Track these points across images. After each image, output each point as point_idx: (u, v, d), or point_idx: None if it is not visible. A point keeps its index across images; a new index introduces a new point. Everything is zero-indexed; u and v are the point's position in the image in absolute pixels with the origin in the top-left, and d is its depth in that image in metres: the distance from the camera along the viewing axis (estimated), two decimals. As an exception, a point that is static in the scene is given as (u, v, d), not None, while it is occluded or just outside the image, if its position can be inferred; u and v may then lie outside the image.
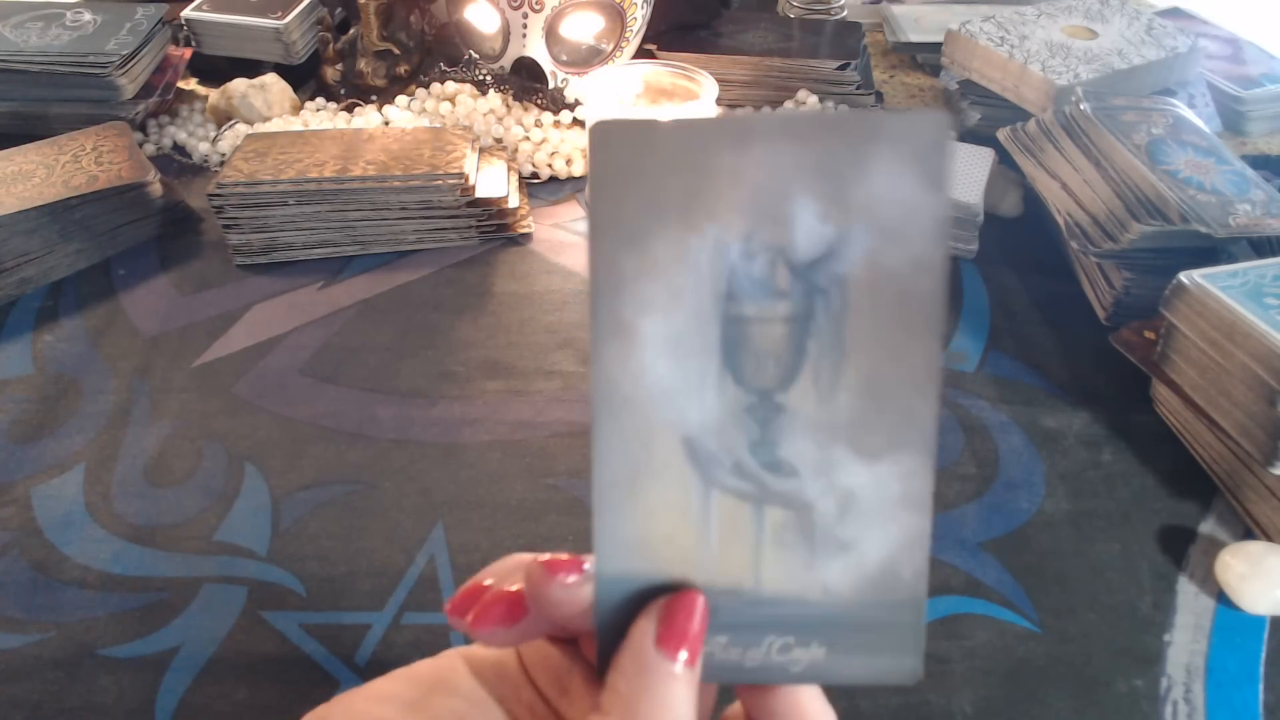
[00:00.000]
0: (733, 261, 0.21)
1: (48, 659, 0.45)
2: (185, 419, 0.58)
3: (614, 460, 0.23)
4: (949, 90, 0.94)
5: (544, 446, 0.56)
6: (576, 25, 0.87)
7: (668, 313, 0.22)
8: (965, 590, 0.48)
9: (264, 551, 0.50)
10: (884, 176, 0.21)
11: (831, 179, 0.21)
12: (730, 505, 0.23)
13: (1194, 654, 0.45)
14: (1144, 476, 0.54)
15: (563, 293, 0.69)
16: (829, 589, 0.23)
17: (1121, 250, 0.62)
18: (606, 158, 0.21)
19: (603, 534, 0.23)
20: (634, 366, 0.22)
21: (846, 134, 0.21)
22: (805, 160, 0.21)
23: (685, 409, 0.22)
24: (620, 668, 0.23)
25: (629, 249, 0.21)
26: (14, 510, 0.52)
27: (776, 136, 0.21)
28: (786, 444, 0.23)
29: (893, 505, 0.23)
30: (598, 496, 0.23)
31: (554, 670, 0.26)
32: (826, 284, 0.22)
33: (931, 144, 0.21)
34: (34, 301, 0.68)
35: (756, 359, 0.22)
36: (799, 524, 0.23)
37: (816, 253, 0.21)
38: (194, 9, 0.95)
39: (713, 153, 0.21)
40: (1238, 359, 0.50)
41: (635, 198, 0.21)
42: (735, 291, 0.22)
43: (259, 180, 0.69)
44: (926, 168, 0.21)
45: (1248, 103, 0.88)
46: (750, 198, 0.21)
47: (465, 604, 0.25)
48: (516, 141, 0.83)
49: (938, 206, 0.21)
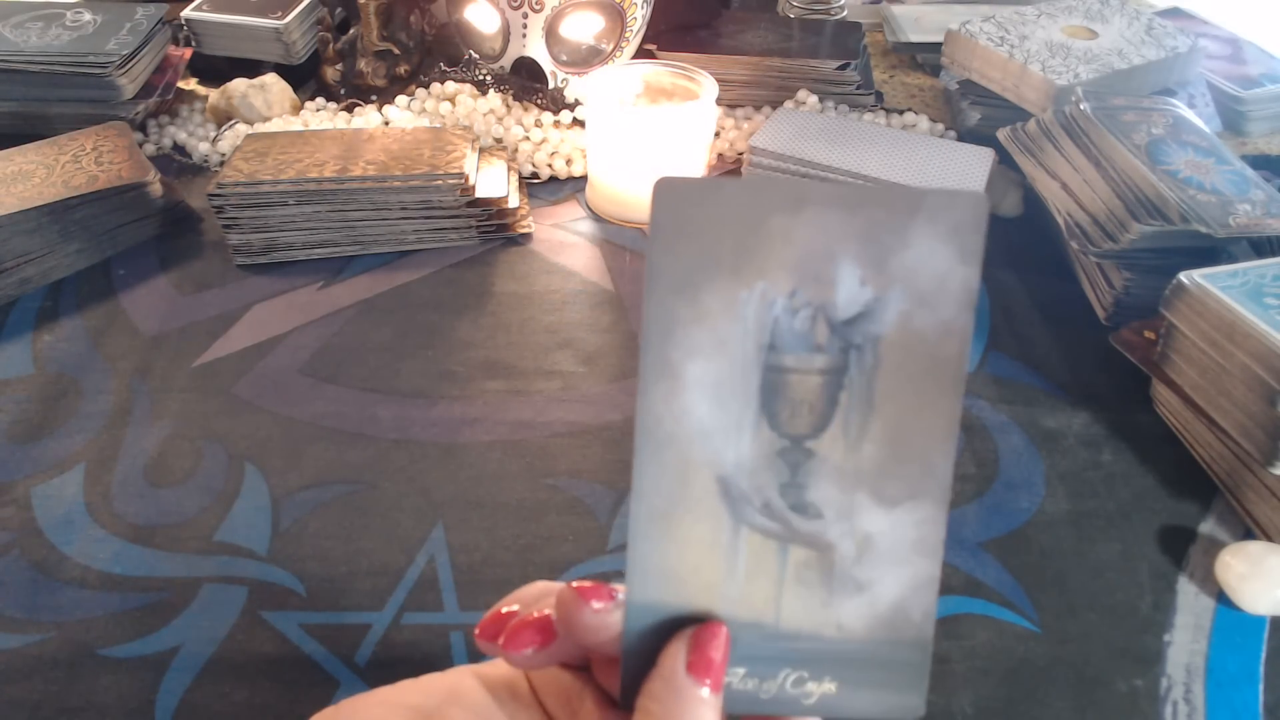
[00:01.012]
0: (777, 315, 0.23)
1: (48, 659, 0.45)
2: (185, 419, 0.58)
3: (653, 493, 0.24)
4: (949, 90, 0.94)
5: (544, 446, 0.56)
6: (576, 25, 0.87)
7: (713, 359, 0.23)
8: (965, 590, 0.48)
9: (264, 551, 0.50)
10: (922, 247, 0.23)
11: (874, 246, 0.23)
12: (758, 543, 0.24)
13: (1194, 654, 0.45)
14: (1144, 476, 0.54)
15: (563, 293, 0.69)
16: (843, 626, 0.25)
17: (1121, 250, 0.62)
18: (668, 212, 0.23)
19: (636, 563, 0.24)
20: (678, 406, 0.24)
21: (891, 206, 0.23)
22: (851, 227, 0.23)
23: (722, 449, 0.24)
24: (652, 693, 0.24)
25: (682, 297, 0.23)
26: (14, 510, 0.52)
27: (827, 203, 0.23)
28: (814, 488, 0.24)
29: (907, 550, 0.24)
30: (635, 528, 0.24)
31: (564, 693, 0.27)
32: (862, 341, 0.23)
33: (969, 221, 0.23)
34: (34, 301, 0.68)
35: (792, 407, 0.24)
36: (820, 564, 0.25)
37: (855, 312, 0.23)
38: (194, 9, 0.95)
39: (767, 213, 0.23)
40: (1238, 359, 0.50)
41: (691, 250, 0.23)
42: (777, 343, 0.23)
43: (259, 180, 0.69)
44: (962, 242, 0.23)
45: (1248, 103, 0.88)
46: (798, 258, 0.23)
47: (494, 628, 0.26)
48: (516, 141, 0.83)
49: (968, 278, 0.23)
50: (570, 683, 0.27)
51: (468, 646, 0.46)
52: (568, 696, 0.27)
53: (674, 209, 0.23)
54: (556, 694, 0.27)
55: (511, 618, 0.26)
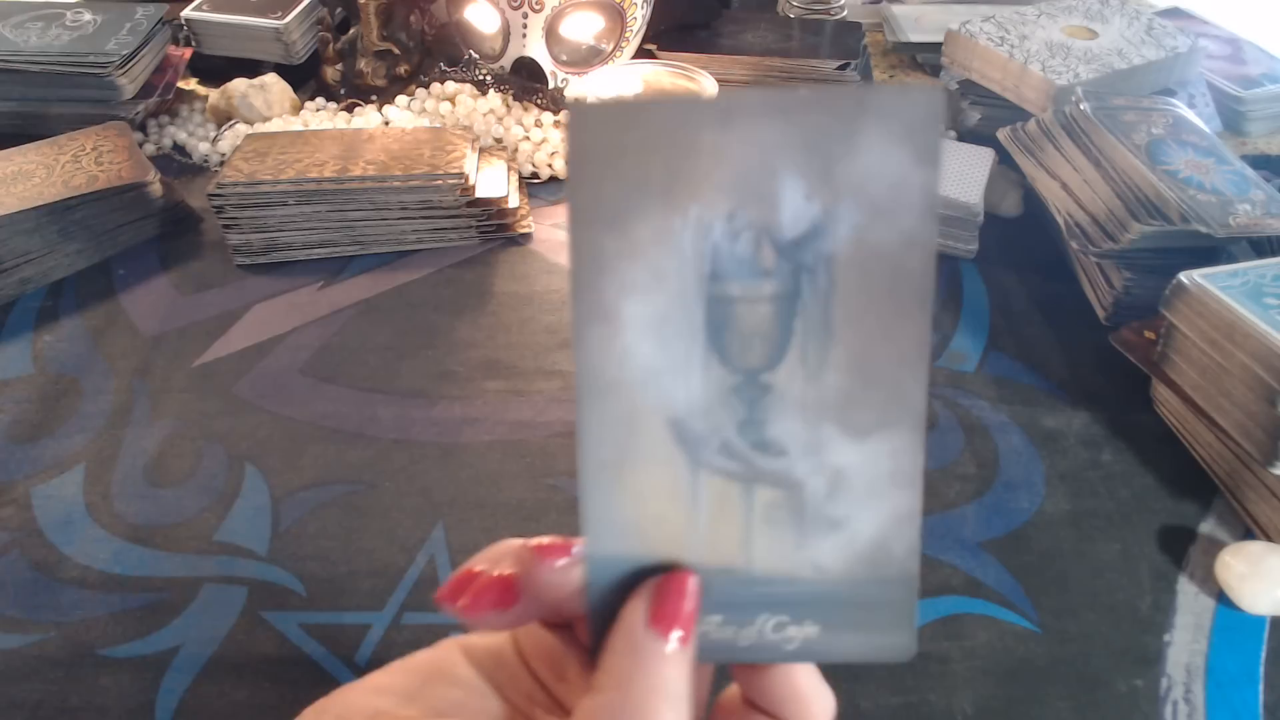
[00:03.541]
0: (716, 241, 0.21)
1: (48, 659, 0.45)
2: (185, 419, 0.58)
3: (600, 444, 0.23)
4: (949, 90, 0.94)
5: (544, 446, 0.56)
6: (576, 25, 0.87)
7: (650, 294, 0.21)
8: (965, 590, 0.48)
9: (264, 551, 0.50)
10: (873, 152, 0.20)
11: (818, 155, 0.21)
12: (719, 485, 0.23)
13: (1194, 654, 0.45)
14: (1144, 476, 0.54)
15: (562, 293, 0.69)
16: (820, 567, 0.23)
17: (1121, 250, 0.62)
18: (585, 139, 0.21)
19: (591, 517, 0.23)
20: (617, 350, 0.22)
21: (834, 110, 0.20)
22: (791, 137, 0.20)
23: (671, 391, 0.22)
24: (612, 648, 0.23)
25: (610, 230, 0.21)
26: (14, 510, 0.52)
27: (760, 113, 0.20)
28: (774, 423, 0.22)
29: (883, 483, 0.23)
30: (584, 480, 0.23)
31: (551, 656, 0.26)
32: (813, 262, 0.21)
33: (923, 119, 0.20)
34: (34, 301, 0.68)
35: (742, 339, 0.22)
36: (789, 503, 0.23)
37: (802, 231, 0.21)
38: (194, 9, 0.95)
39: (694, 131, 0.20)
40: (1238, 359, 0.50)
41: (615, 178, 0.21)
42: (719, 271, 0.21)
43: (259, 180, 0.69)
44: (917, 143, 0.20)
45: (1248, 103, 0.88)
46: (734, 176, 0.21)
47: (457, 590, 0.25)
48: (516, 141, 0.83)
49: (928, 182, 0.20)
50: (555, 644, 0.26)
51: (468, 646, 0.46)
52: (554, 658, 0.26)
53: (592, 136, 0.20)
54: (543, 657, 0.27)
55: (475, 578, 0.25)
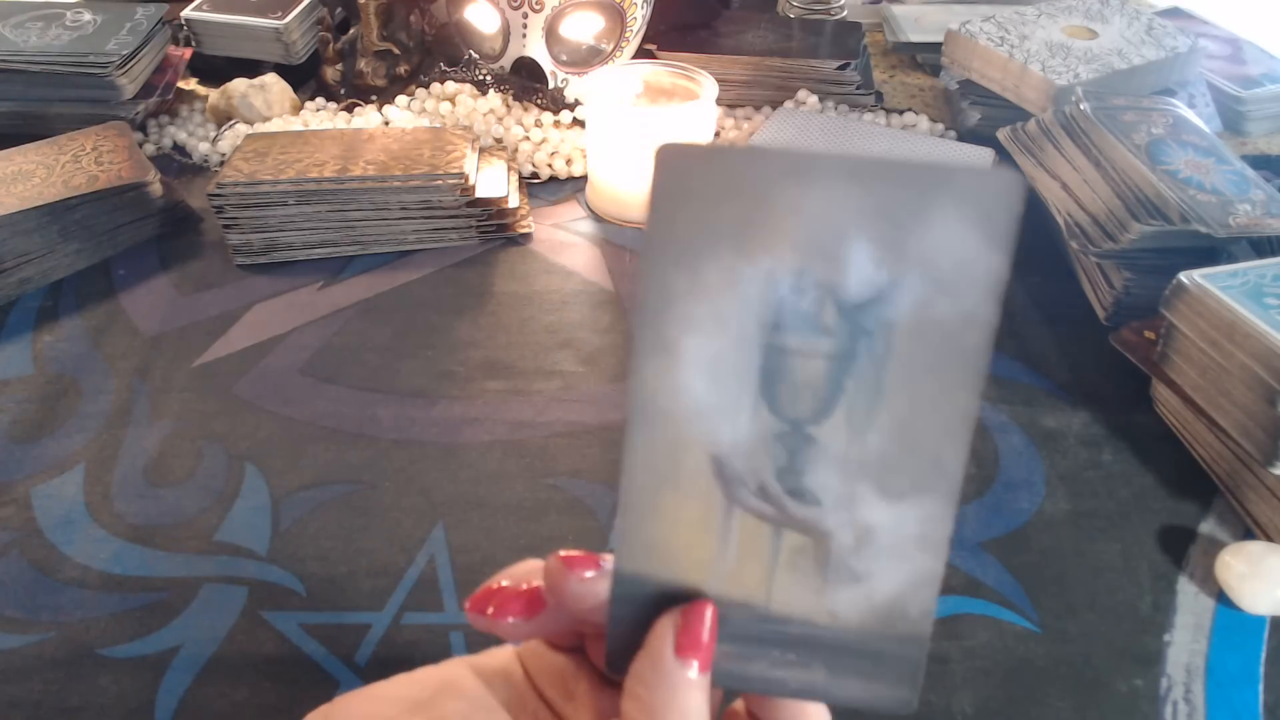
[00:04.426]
0: (782, 294, 0.22)
1: (48, 659, 0.45)
2: (185, 419, 0.58)
3: (643, 467, 0.23)
4: (949, 90, 0.94)
5: (544, 446, 0.56)
6: (576, 25, 0.87)
7: (711, 335, 0.22)
8: (965, 590, 0.48)
9: (264, 551, 0.50)
10: (946, 230, 0.21)
11: (891, 225, 0.21)
12: (751, 524, 0.24)
13: (1194, 654, 0.45)
14: (1144, 476, 0.54)
15: (563, 293, 0.69)
16: (836, 615, 0.24)
17: (1121, 250, 0.62)
18: (669, 179, 0.21)
19: (625, 534, 0.24)
20: (672, 382, 0.22)
21: (914, 182, 0.21)
22: (868, 204, 0.21)
23: (717, 428, 0.23)
24: (640, 676, 0.24)
25: (680, 269, 0.22)
26: (14, 510, 0.52)
27: (841, 175, 0.21)
28: (812, 474, 0.23)
29: (909, 545, 0.23)
30: (624, 498, 0.23)
31: (559, 677, 0.27)
32: (873, 327, 0.22)
33: (1001, 204, 0.21)
34: (34, 301, 0.68)
35: (793, 390, 0.22)
36: (815, 551, 0.24)
37: (867, 296, 0.22)
38: (194, 9, 0.95)
39: (774, 185, 0.21)
40: (1238, 359, 0.50)
41: (692, 221, 0.21)
42: (781, 323, 0.22)
43: (259, 180, 0.69)
44: (991, 226, 0.21)
45: (1248, 103, 0.88)
46: (807, 234, 0.21)
47: (483, 601, 0.26)
48: (516, 141, 0.83)
49: (996, 265, 0.21)
50: (564, 665, 0.27)
51: (468, 646, 0.46)
52: (562, 679, 0.27)
53: (676, 176, 0.21)
54: (551, 677, 0.27)
55: (500, 591, 0.26)
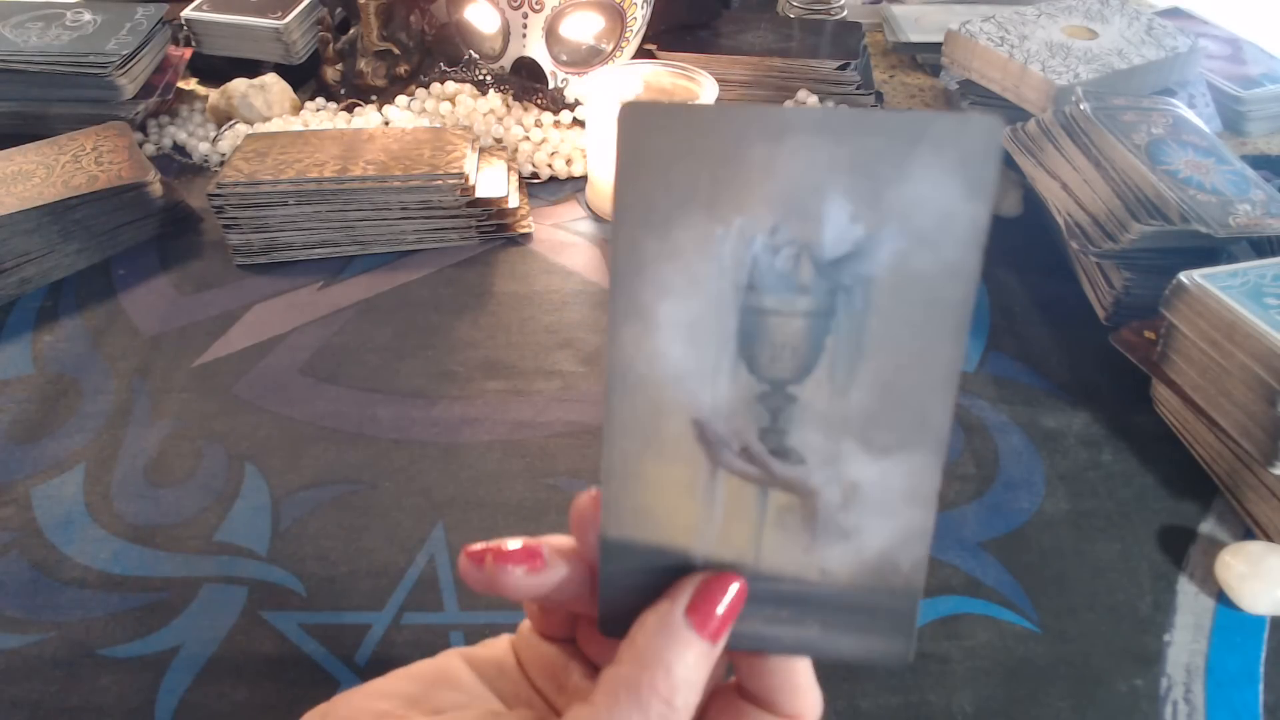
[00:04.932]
0: (756, 253, 0.21)
1: (48, 659, 0.45)
2: (185, 419, 0.58)
3: (624, 435, 0.23)
4: (949, 90, 0.94)
5: (544, 446, 0.56)
6: (576, 25, 0.87)
7: (686, 299, 0.22)
8: (965, 590, 0.48)
9: (264, 551, 0.50)
10: (924, 181, 0.20)
11: (867, 179, 0.21)
12: (736, 486, 0.23)
13: (1194, 654, 0.45)
14: (1144, 476, 0.54)
15: (563, 293, 0.69)
16: (827, 571, 0.24)
17: (1121, 250, 0.62)
18: (634, 140, 0.21)
19: (609, 501, 0.24)
20: (649, 348, 0.22)
21: (889, 133, 0.20)
22: (841, 157, 0.20)
23: (697, 392, 0.23)
24: (644, 625, 0.23)
25: (652, 233, 0.21)
26: (14, 510, 0.52)
27: (813, 130, 0.20)
28: (796, 433, 0.23)
29: (897, 499, 0.23)
30: (606, 466, 0.23)
31: (551, 668, 0.27)
32: (851, 283, 0.21)
33: (980, 150, 0.20)
34: (34, 301, 0.68)
35: (773, 350, 0.22)
36: (802, 509, 0.23)
37: (844, 251, 0.21)
38: (194, 9, 0.95)
39: (745, 142, 0.21)
40: (1238, 359, 0.50)
41: (661, 182, 0.21)
42: (756, 283, 0.22)
43: (259, 180, 0.69)
44: (971, 175, 0.20)
45: (1248, 103, 0.88)
46: (780, 191, 0.21)
47: (481, 553, 0.25)
48: (516, 141, 0.83)
49: (978, 216, 0.21)
50: (556, 656, 0.27)
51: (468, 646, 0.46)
52: (554, 670, 0.27)
53: (641, 137, 0.21)
54: (543, 668, 0.27)
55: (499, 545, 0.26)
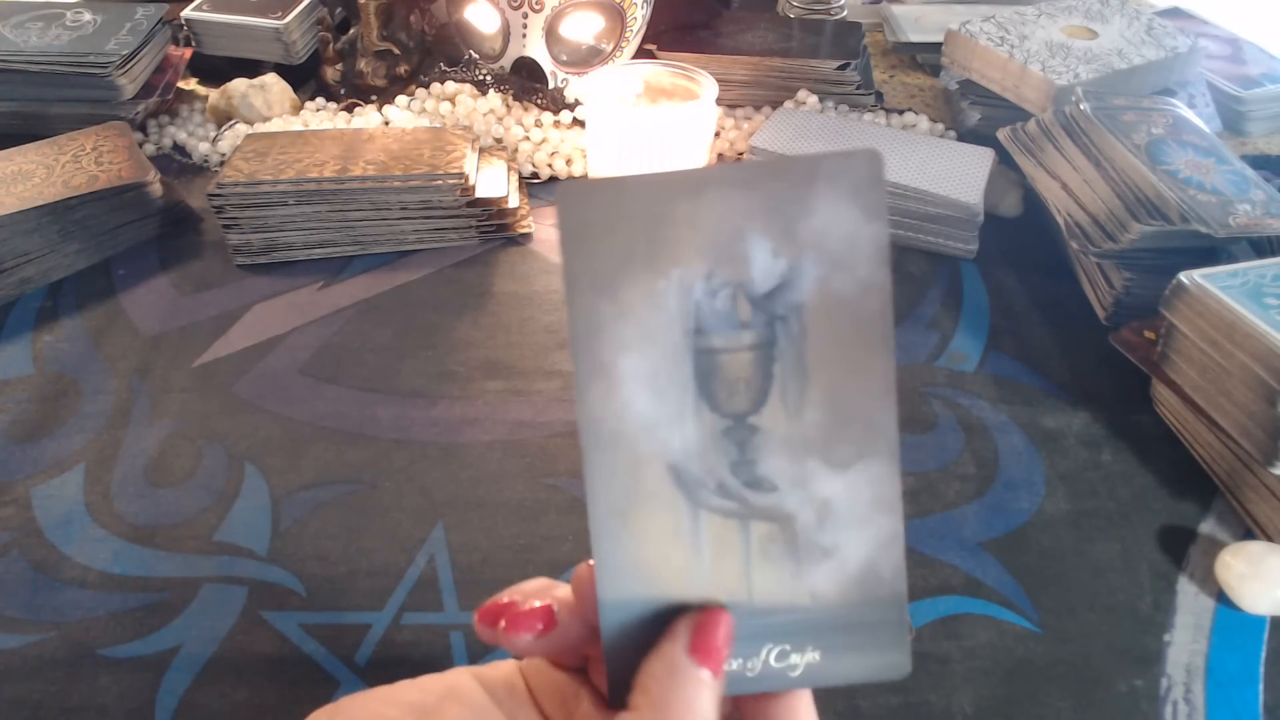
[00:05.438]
0: (698, 299, 0.23)
1: (48, 659, 0.45)
2: (185, 419, 0.58)
3: (607, 492, 0.24)
4: (949, 90, 0.94)
5: (544, 446, 0.56)
6: (576, 25, 0.87)
7: (643, 351, 0.24)
8: (965, 590, 0.48)
9: (264, 551, 0.50)
10: (826, 211, 0.23)
11: (780, 217, 0.23)
12: (718, 524, 0.25)
13: (1194, 654, 0.45)
14: (1144, 476, 0.54)
15: (562, 293, 0.69)
16: (816, 594, 0.25)
17: (1121, 250, 0.62)
18: (574, 215, 0.23)
19: (602, 562, 0.25)
20: (616, 403, 0.24)
21: (789, 176, 0.23)
22: (754, 202, 0.23)
23: (668, 438, 0.24)
24: (651, 672, 0.24)
25: (602, 295, 0.23)
26: (14, 510, 0.52)
27: (727, 183, 0.23)
28: (764, 462, 0.24)
29: (866, 509, 0.24)
30: (595, 528, 0.24)
31: (560, 694, 0.27)
32: (785, 312, 0.24)
33: (867, 179, 0.23)
34: (34, 301, 0.68)
35: (728, 386, 0.24)
36: (783, 535, 0.25)
37: (773, 284, 0.23)
38: (194, 9, 0.95)
39: (670, 203, 0.23)
40: (1238, 359, 0.50)
41: (604, 249, 0.23)
42: (703, 326, 0.24)
43: (259, 180, 0.69)
44: (864, 200, 0.23)
45: (1248, 103, 0.88)
46: (709, 240, 0.23)
47: (495, 615, 0.26)
48: (516, 141, 0.83)
49: (878, 234, 0.23)
50: (566, 683, 0.27)
51: (468, 646, 0.46)
52: (563, 697, 0.27)
53: (580, 211, 0.23)
54: (552, 694, 0.27)
55: (512, 606, 0.26)
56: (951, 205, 0.70)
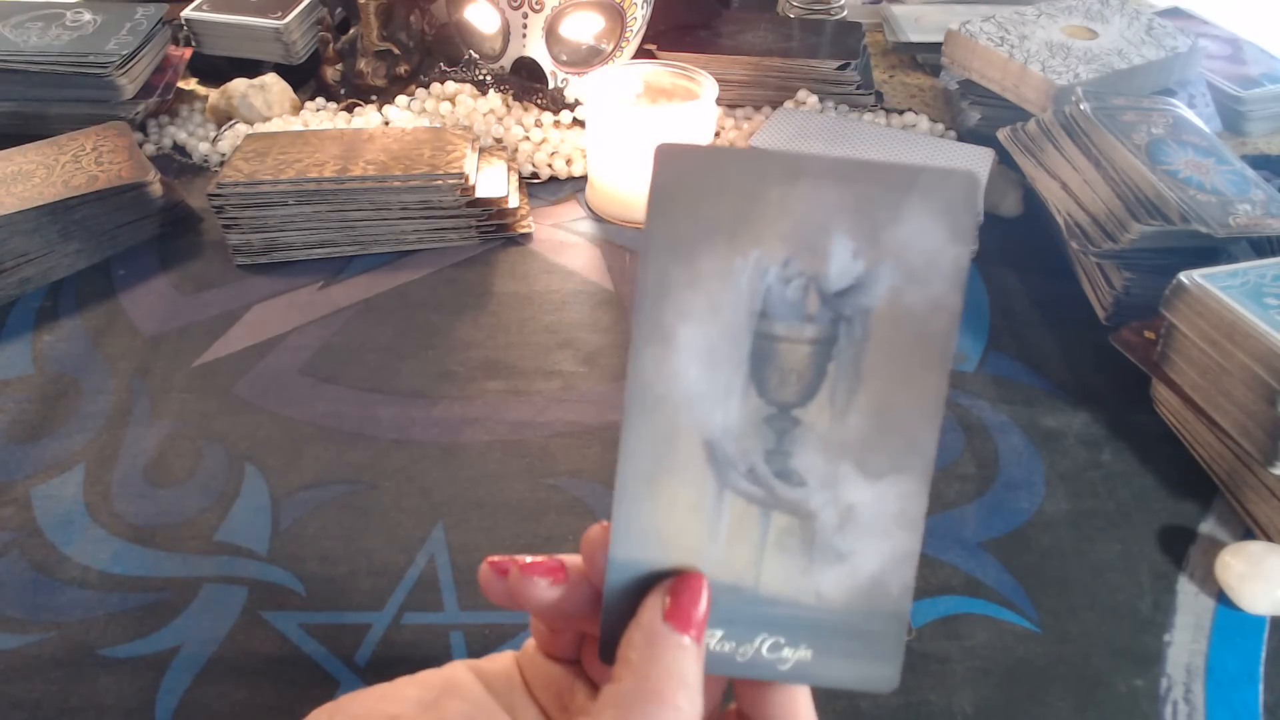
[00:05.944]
0: (770, 283, 0.23)
1: (48, 659, 0.45)
2: (185, 419, 0.58)
3: (640, 454, 0.24)
4: (949, 90, 0.94)
5: (544, 446, 0.56)
6: (576, 25, 0.87)
7: (705, 324, 0.24)
8: (965, 590, 0.48)
9: (264, 551, 0.50)
10: (915, 224, 0.23)
11: (867, 220, 0.23)
12: (741, 507, 0.25)
13: (1194, 654, 0.45)
14: (1144, 476, 0.54)
15: (563, 293, 0.69)
16: (822, 595, 0.25)
17: (1121, 250, 0.62)
18: (668, 178, 0.23)
19: (620, 521, 0.25)
20: (667, 369, 0.24)
21: (886, 181, 0.23)
22: (846, 200, 0.23)
23: (710, 414, 0.24)
24: (630, 641, 0.24)
25: (678, 261, 0.23)
26: (14, 510, 0.52)
27: (824, 175, 0.23)
28: (798, 456, 0.24)
29: (889, 523, 0.24)
30: (620, 486, 0.24)
31: (556, 688, 0.27)
32: (852, 314, 0.24)
33: (961, 200, 0.23)
34: (34, 301, 0.68)
35: (780, 374, 0.24)
36: (801, 531, 0.25)
37: (846, 284, 0.23)
38: (194, 9, 0.95)
39: (765, 183, 0.23)
40: (1238, 359, 0.50)
41: (690, 216, 0.23)
42: (769, 311, 0.24)
43: (259, 180, 0.69)
44: (953, 221, 0.23)
45: (1248, 103, 0.88)
46: (793, 228, 0.23)
47: (503, 566, 0.26)
48: (516, 141, 0.83)
49: (959, 256, 0.23)
50: (561, 675, 0.28)
51: (468, 646, 0.46)
52: (559, 689, 0.27)
53: (674, 175, 0.23)
54: (548, 687, 0.27)
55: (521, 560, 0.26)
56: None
